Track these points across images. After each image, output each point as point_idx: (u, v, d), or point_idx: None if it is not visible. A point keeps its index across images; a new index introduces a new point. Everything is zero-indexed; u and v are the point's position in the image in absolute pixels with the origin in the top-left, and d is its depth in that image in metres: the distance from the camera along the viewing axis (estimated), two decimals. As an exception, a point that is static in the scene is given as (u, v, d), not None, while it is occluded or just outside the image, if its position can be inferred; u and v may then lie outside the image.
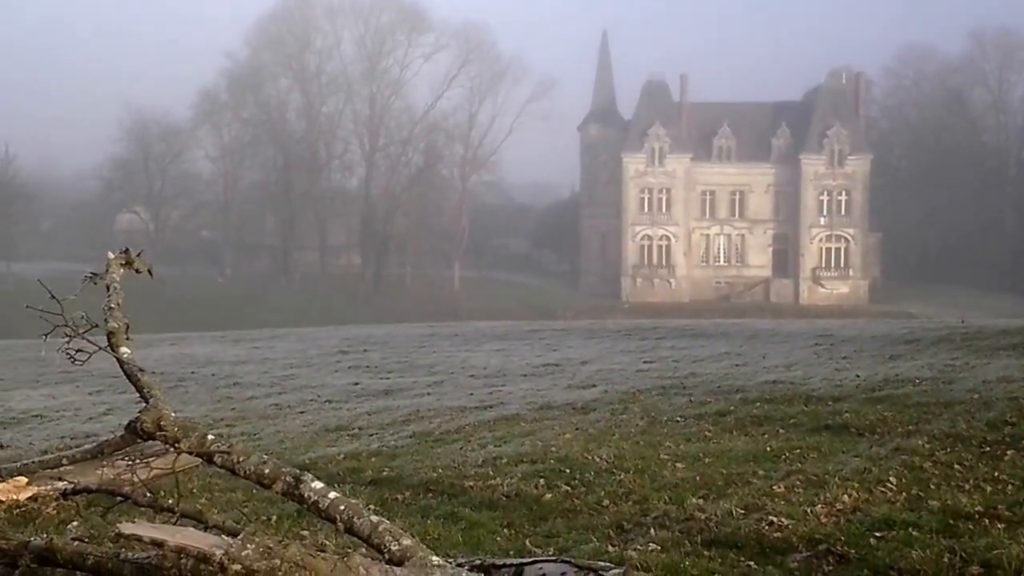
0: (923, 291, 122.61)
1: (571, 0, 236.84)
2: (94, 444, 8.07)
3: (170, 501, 8.04)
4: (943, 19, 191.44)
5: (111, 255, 7.97)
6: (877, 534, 8.54)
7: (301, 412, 18.20)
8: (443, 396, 19.48)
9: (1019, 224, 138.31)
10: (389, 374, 23.74)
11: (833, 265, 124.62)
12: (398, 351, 29.49)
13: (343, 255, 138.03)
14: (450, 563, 5.92)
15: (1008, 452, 11.62)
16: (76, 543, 6.79)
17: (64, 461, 8.30)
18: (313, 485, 6.28)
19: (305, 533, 9.12)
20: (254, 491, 10.80)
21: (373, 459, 13.28)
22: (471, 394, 19.54)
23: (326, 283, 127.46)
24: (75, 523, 9.46)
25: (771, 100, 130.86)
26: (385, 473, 12.32)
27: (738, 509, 9.62)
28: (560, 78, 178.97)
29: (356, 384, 21.97)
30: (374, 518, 6.01)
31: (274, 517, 10.01)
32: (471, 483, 11.44)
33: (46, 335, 7.05)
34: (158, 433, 6.67)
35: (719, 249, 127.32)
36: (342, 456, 13.55)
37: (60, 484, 9.63)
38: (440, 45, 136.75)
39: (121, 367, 7.31)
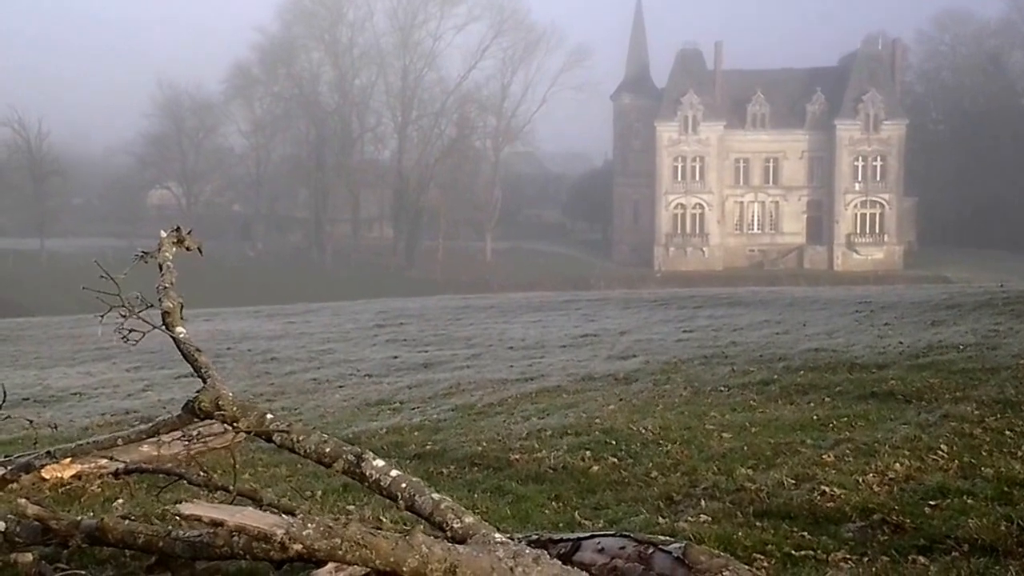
0: (959, 255, 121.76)
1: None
2: (150, 424, 8.05)
3: (221, 480, 8.05)
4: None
5: (163, 233, 7.94)
6: (931, 503, 8.44)
7: (340, 386, 18.21)
8: (483, 368, 19.45)
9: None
10: (427, 347, 23.71)
11: (868, 231, 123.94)
12: (434, 324, 29.49)
13: (375, 228, 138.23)
14: (513, 540, 5.88)
15: (1060, 417, 11.51)
16: (127, 522, 6.78)
17: (119, 441, 8.29)
18: (375, 463, 6.26)
19: (351, 508, 9.13)
20: (298, 465, 10.84)
21: (416, 433, 13.27)
22: (511, 366, 19.49)
23: (359, 256, 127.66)
24: (120, 501, 9.49)
25: (806, 67, 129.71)
26: (429, 447, 12.31)
27: (788, 479, 9.55)
28: (594, 47, 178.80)
29: (395, 357, 21.95)
30: (436, 496, 5.98)
31: (319, 492, 10.00)
32: (516, 456, 11.40)
33: (102, 316, 7.04)
34: (216, 413, 6.65)
35: (753, 217, 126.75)
36: (384, 430, 13.53)
37: (106, 463, 9.64)
38: (473, 16, 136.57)
39: (178, 347, 7.29)
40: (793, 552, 7.49)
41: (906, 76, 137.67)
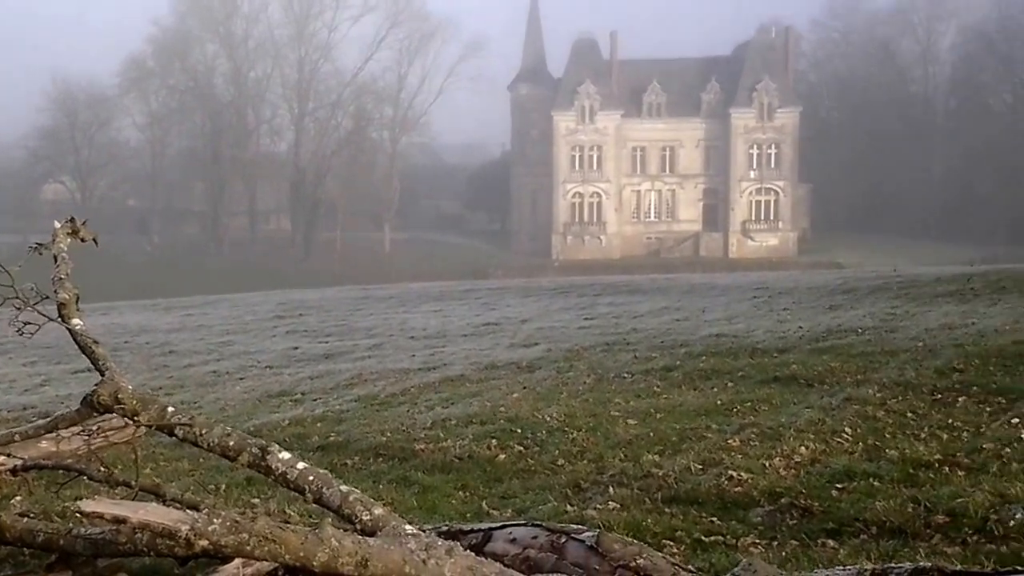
0: (851, 241, 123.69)
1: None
2: (48, 419, 7.83)
3: (123, 475, 7.86)
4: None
5: (57, 224, 7.72)
6: (838, 486, 8.50)
7: (241, 378, 18.00)
8: (385, 359, 19.32)
9: (946, 173, 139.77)
10: (327, 338, 23.57)
11: (763, 218, 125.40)
12: (334, 314, 29.31)
13: (273, 220, 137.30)
14: (424, 531, 5.78)
15: (960, 399, 11.65)
16: (25, 520, 6.59)
17: (16, 437, 8.05)
18: (280, 456, 6.11)
19: (256, 501, 8.99)
20: (201, 459, 10.66)
21: (319, 424, 13.14)
22: (413, 356, 19.40)
23: (256, 248, 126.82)
24: (18, 498, 9.24)
25: (701, 56, 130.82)
26: (332, 438, 12.19)
27: (695, 465, 9.58)
28: (490, 38, 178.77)
29: (295, 349, 21.78)
30: (344, 488, 5.85)
31: (223, 486, 9.84)
32: (421, 446, 11.33)
33: (-6, 309, 6.79)
34: (116, 407, 6.45)
35: (650, 205, 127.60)
36: (287, 422, 13.39)
37: (3, 460, 9.37)
38: (368, 7, 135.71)
39: (75, 339, 7.08)
40: (703, 538, 7.49)
41: (799, 65, 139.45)
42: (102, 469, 7.78)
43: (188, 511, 5.39)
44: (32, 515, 7.38)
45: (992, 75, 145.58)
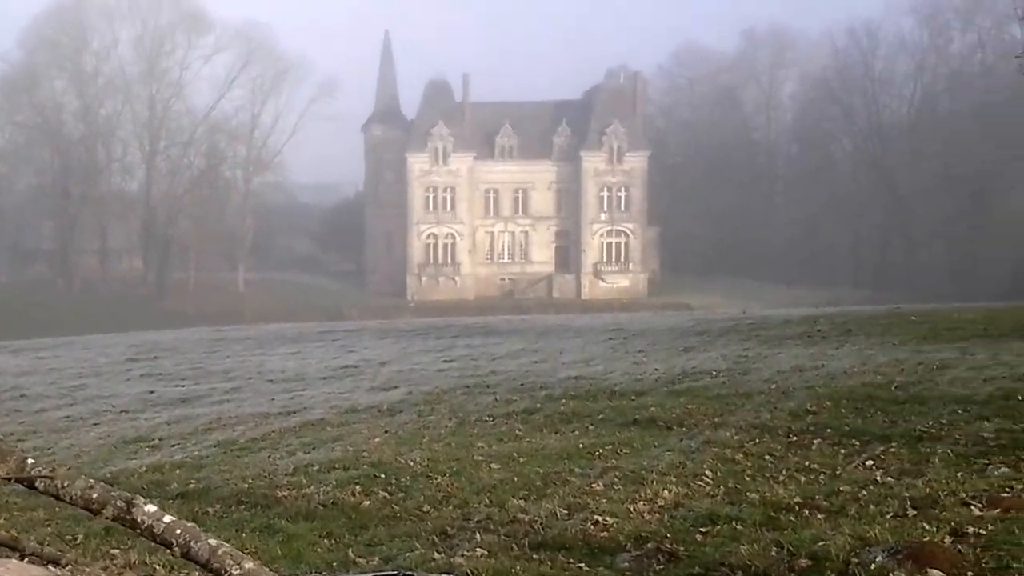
0: (699, 283, 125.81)
1: (354, 1, 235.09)
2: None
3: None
4: (717, 18, 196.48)
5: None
6: (702, 529, 8.57)
7: (96, 424, 17.62)
8: (243, 402, 19.09)
9: (789, 218, 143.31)
10: (183, 381, 23.18)
11: (614, 259, 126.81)
12: (190, 357, 28.85)
13: (124, 259, 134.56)
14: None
15: (815, 441, 11.87)
16: None
17: None
18: (146, 508, 5.96)
19: (116, 552, 8.78)
20: (56, 508, 10.34)
21: (178, 471, 12.92)
22: (272, 399, 19.19)
23: (107, 288, 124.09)
24: None
25: (552, 99, 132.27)
26: (192, 485, 11.99)
27: (561, 509, 9.58)
28: (344, 78, 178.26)
29: (151, 393, 21.38)
30: (213, 541, 5.72)
31: (81, 536, 9.58)
32: (284, 493, 11.18)
33: None
34: (-27, 459, 6.23)
35: (503, 246, 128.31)
36: (144, 469, 13.14)
37: None
38: (220, 46, 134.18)
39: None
40: (572, 584, 7.49)
41: (648, 109, 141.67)
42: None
43: (50, 567, 5.23)
44: None
45: (832, 123, 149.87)
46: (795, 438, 12.14)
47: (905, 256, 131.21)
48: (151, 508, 5.97)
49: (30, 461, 6.24)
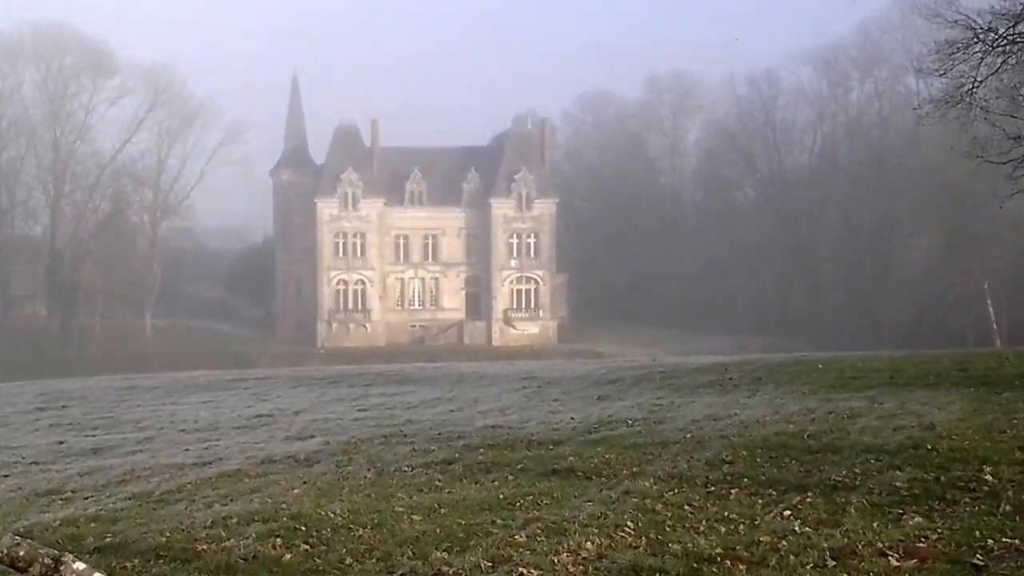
0: (608, 329, 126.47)
1: (262, 45, 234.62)
2: None
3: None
4: (623, 64, 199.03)
5: None
6: (628, 582, 8.72)
7: (6, 476, 17.27)
8: (157, 453, 18.86)
9: (695, 264, 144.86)
10: (94, 431, 22.83)
11: (523, 306, 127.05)
12: (99, 406, 28.45)
13: (28, 305, 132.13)
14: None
15: (732, 491, 12.08)
16: None
17: None
18: (75, 566, 5.99)
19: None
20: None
21: (93, 524, 12.65)
22: (186, 450, 18.99)
23: (11, 335, 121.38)
24: None
25: (461, 145, 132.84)
26: (108, 540, 11.72)
27: (485, 562, 9.63)
28: (252, 122, 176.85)
29: (61, 443, 21.03)
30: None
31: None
32: (203, 546, 11.03)
33: None
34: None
35: (414, 293, 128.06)
36: (58, 523, 12.87)
37: None
38: (126, 88, 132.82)
39: None
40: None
41: (555, 155, 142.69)
42: None
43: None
44: None
45: (735, 170, 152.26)
46: (713, 488, 12.34)
47: (808, 303, 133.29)
48: (80, 566, 5.99)
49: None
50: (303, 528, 11.57)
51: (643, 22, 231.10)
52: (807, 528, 10.10)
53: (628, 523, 10.73)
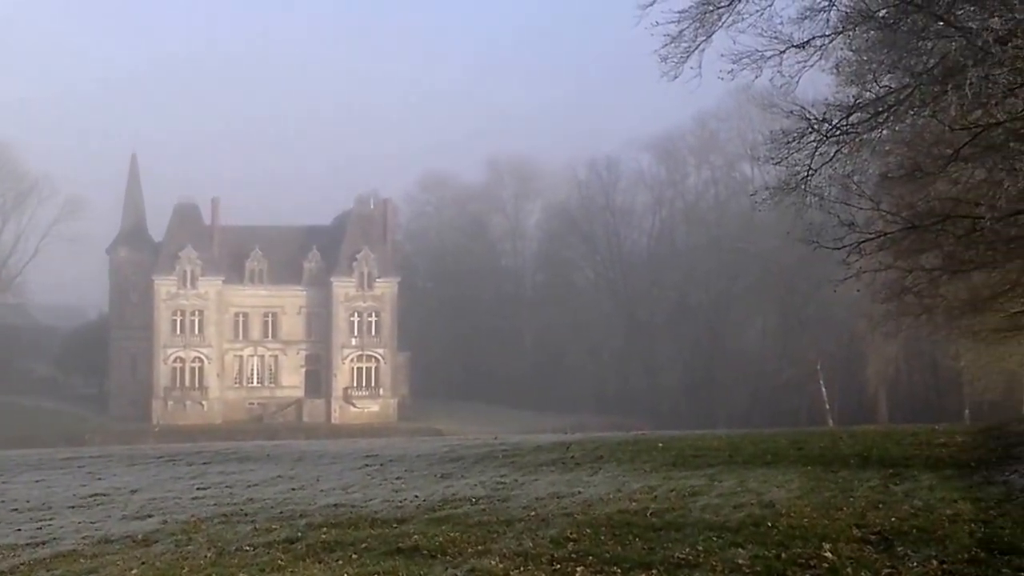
0: (449, 408, 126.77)
1: (98, 121, 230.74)
2: None
3: None
4: (464, 147, 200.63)
5: None
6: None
7: None
8: (-13, 533, 18.25)
9: (535, 343, 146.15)
10: (-79, 512, 22.00)
11: (364, 384, 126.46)
12: (-76, 485, 27.40)
13: None
14: None
15: (578, 568, 12.17)
16: None
17: None
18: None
19: None
20: None
21: (-80, 609, 12.30)
22: (18, 530, 18.40)
23: None
24: None
25: (303, 224, 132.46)
26: (-65, 623, 11.44)
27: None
28: (89, 198, 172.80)
29: None
30: None
31: None
32: (38, 629, 10.80)
33: None
34: None
35: (252, 370, 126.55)
36: None
37: None
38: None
39: None
40: None
41: (397, 236, 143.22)
42: None
43: None
44: None
45: (575, 252, 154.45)
46: (558, 566, 12.41)
47: (646, 382, 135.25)
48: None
49: None
50: (142, 610, 11.35)
51: (490, 102, 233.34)
52: (652, 604, 10.23)
53: (475, 601, 10.75)
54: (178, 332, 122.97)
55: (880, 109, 22.79)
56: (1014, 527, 13.82)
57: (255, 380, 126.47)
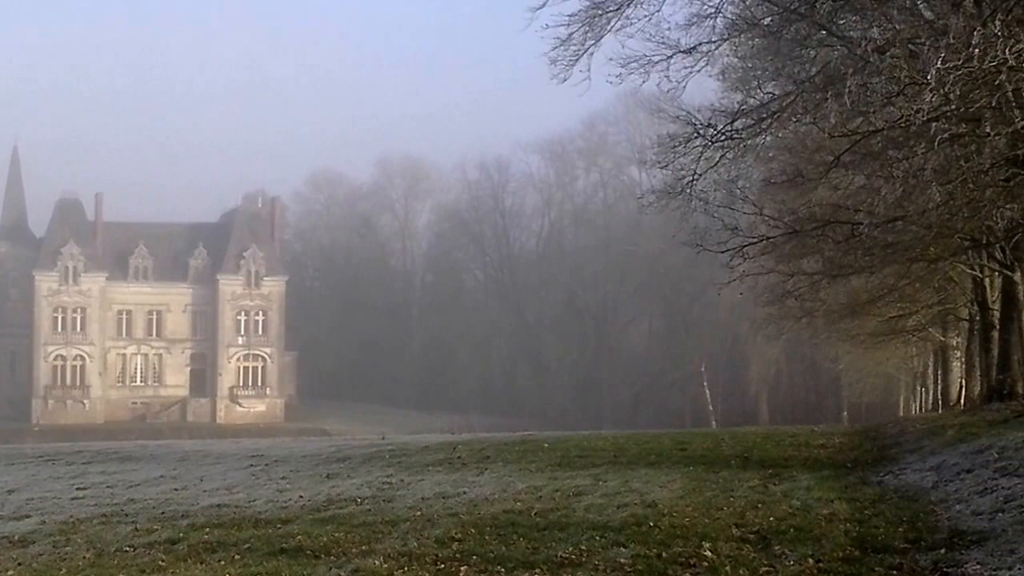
0: (336, 408, 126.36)
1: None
2: None
3: None
4: (355, 146, 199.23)
5: None
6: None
7: None
8: None
9: (424, 344, 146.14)
10: None
11: (251, 384, 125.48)
12: None
13: None
14: None
15: (462, 568, 12.21)
16: None
17: None
18: None
19: None
20: None
21: None
22: None
23: None
24: None
25: (189, 222, 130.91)
26: None
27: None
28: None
29: None
30: None
31: None
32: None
33: None
34: None
35: (136, 369, 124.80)
36: None
37: None
38: None
39: None
40: None
41: (285, 234, 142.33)
42: None
43: None
44: None
45: (465, 253, 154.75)
46: (443, 565, 12.44)
47: (533, 382, 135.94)
48: None
49: None
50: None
51: (381, 102, 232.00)
52: (535, 603, 10.30)
53: (357, 600, 10.73)
54: (59, 330, 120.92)
55: (764, 115, 23.24)
56: (887, 526, 14.14)
57: (139, 379, 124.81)
